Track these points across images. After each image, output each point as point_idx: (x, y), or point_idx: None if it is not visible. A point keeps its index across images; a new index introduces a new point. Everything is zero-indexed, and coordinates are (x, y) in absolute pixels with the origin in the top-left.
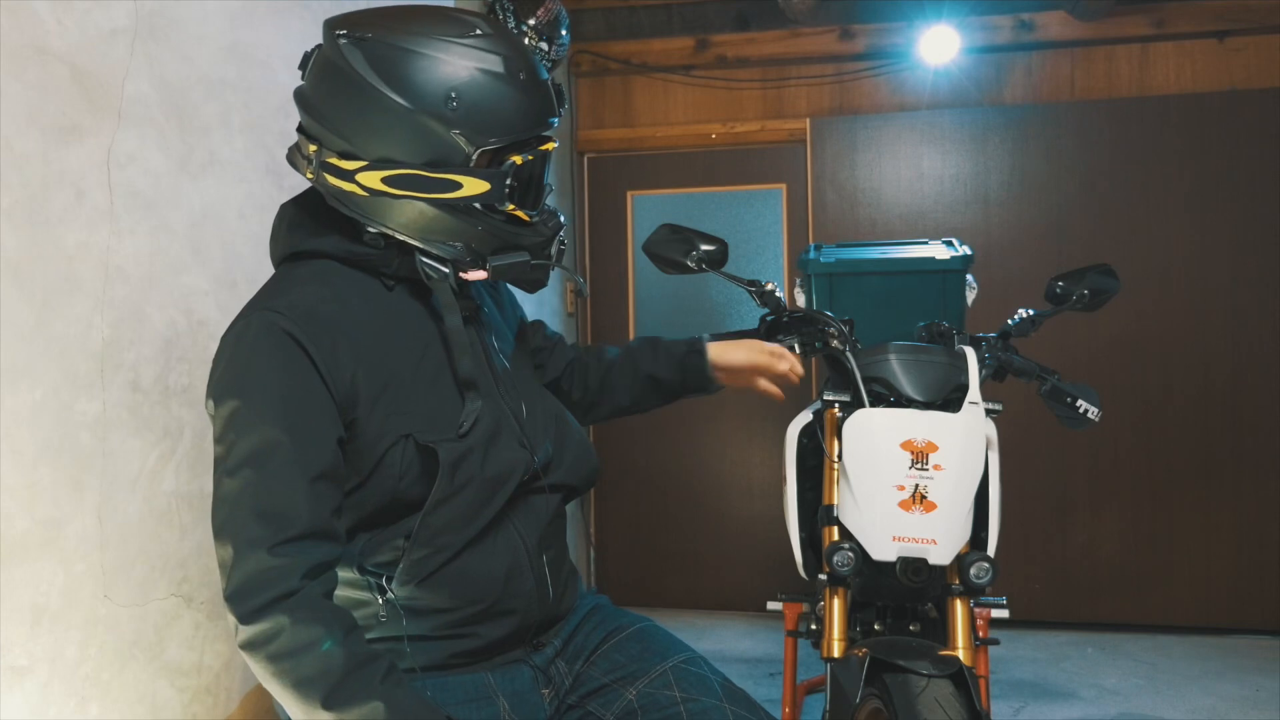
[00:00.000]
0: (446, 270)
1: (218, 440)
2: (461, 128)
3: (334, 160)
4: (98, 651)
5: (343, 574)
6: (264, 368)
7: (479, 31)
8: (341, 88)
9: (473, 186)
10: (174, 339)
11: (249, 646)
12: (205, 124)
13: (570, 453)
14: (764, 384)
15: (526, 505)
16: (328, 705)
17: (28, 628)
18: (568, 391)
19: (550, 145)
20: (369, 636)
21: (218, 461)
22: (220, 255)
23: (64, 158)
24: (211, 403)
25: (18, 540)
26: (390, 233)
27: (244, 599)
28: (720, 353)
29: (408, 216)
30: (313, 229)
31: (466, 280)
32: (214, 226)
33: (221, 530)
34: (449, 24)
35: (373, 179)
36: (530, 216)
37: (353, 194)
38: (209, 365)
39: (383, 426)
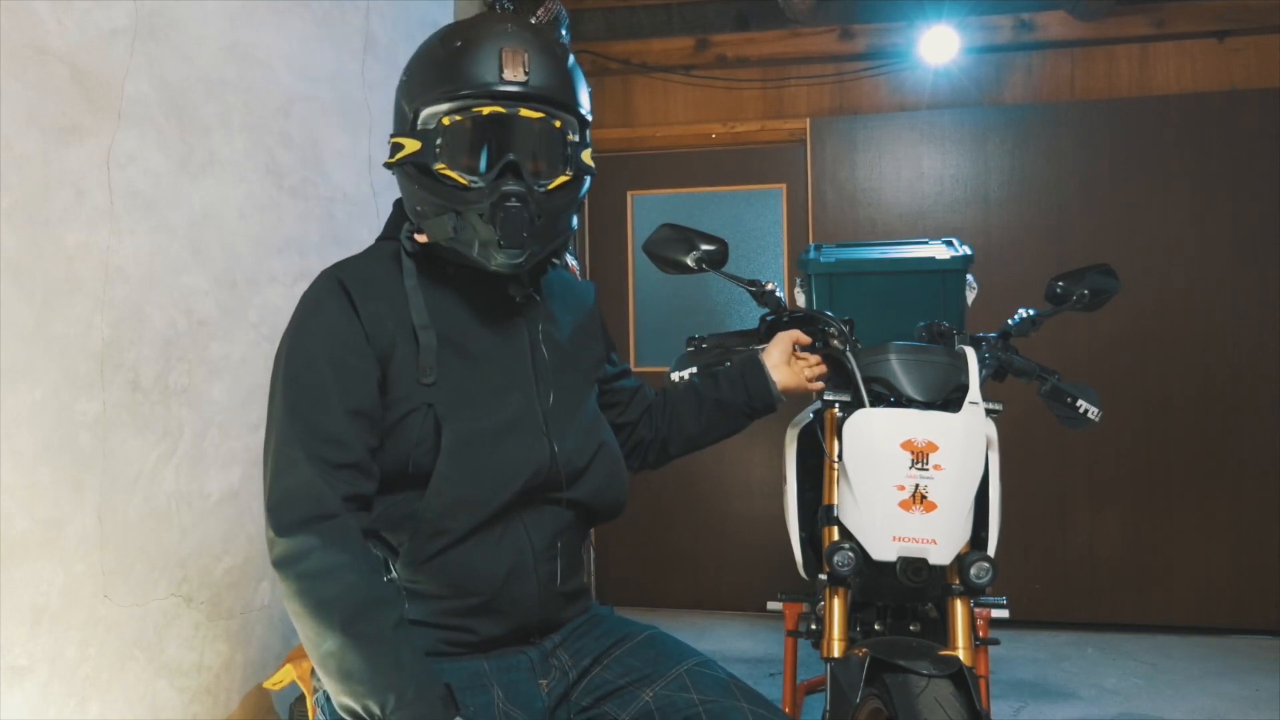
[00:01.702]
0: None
1: (273, 373)
2: (405, 94)
3: None
4: (98, 651)
5: None
6: (315, 311)
7: (470, 19)
8: None
9: (410, 146)
10: (174, 339)
11: (280, 564)
12: (205, 124)
13: (600, 474)
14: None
15: (541, 510)
16: (345, 629)
17: (28, 628)
18: (645, 433)
19: (484, 109)
20: None
21: (271, 392)
22: (220, 255)
23: (64, 158)
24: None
25: (18, 540)
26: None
27: (282, 511)
28: (771, 370)
29: (399, 185)
30: (397, 218)
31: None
32: (214, 226)
33: (269, 448)
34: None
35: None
36: (468, 180)
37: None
38: (209, 365)
39: (410, 390)
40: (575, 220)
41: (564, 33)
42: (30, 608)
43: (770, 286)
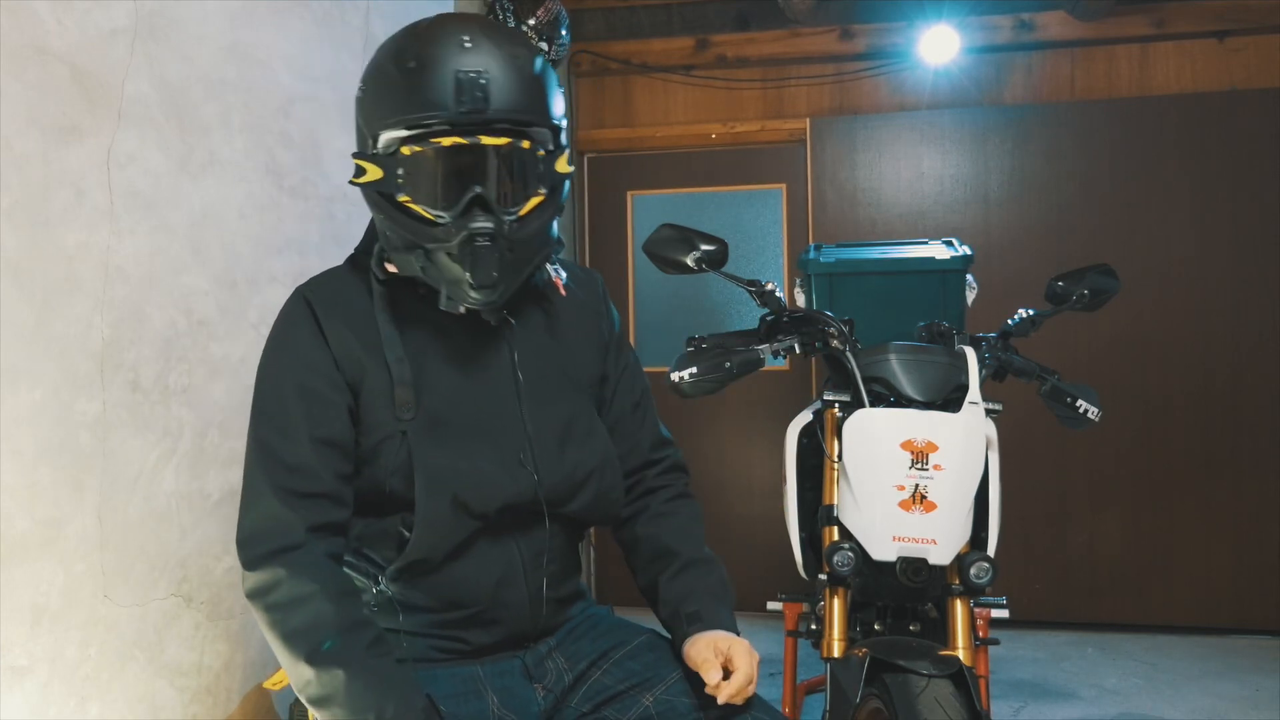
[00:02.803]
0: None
1: (252, 399)
2: (361, 113)
3: None
4: (98, 651)
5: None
6: (285, 337)
7: (421, 26)
8: None
9: (373, 172)
10: (174, 339)
11: (251, 596)
12: (205, 124)
13: (591, 491)
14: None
15: (529, 526)
16: (310, 661)
17: (28, 628)
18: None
19: (445, 141)
20: None
21: (250, 419)
22: (220, 255)
23: (64, 158)
24: None
25: (18, 540)
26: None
27: (250, 545)
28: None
29: (371, 211)
30: (372, 234)
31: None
32: (214, 226)
33: (244, 478)
34: (411, 26)
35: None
36: (434, 215)
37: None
38: (209, 365)
39: (384, 418)
40: (555, 227)
41: (564, 33)
42: (30, 608)
43: (770, 286)
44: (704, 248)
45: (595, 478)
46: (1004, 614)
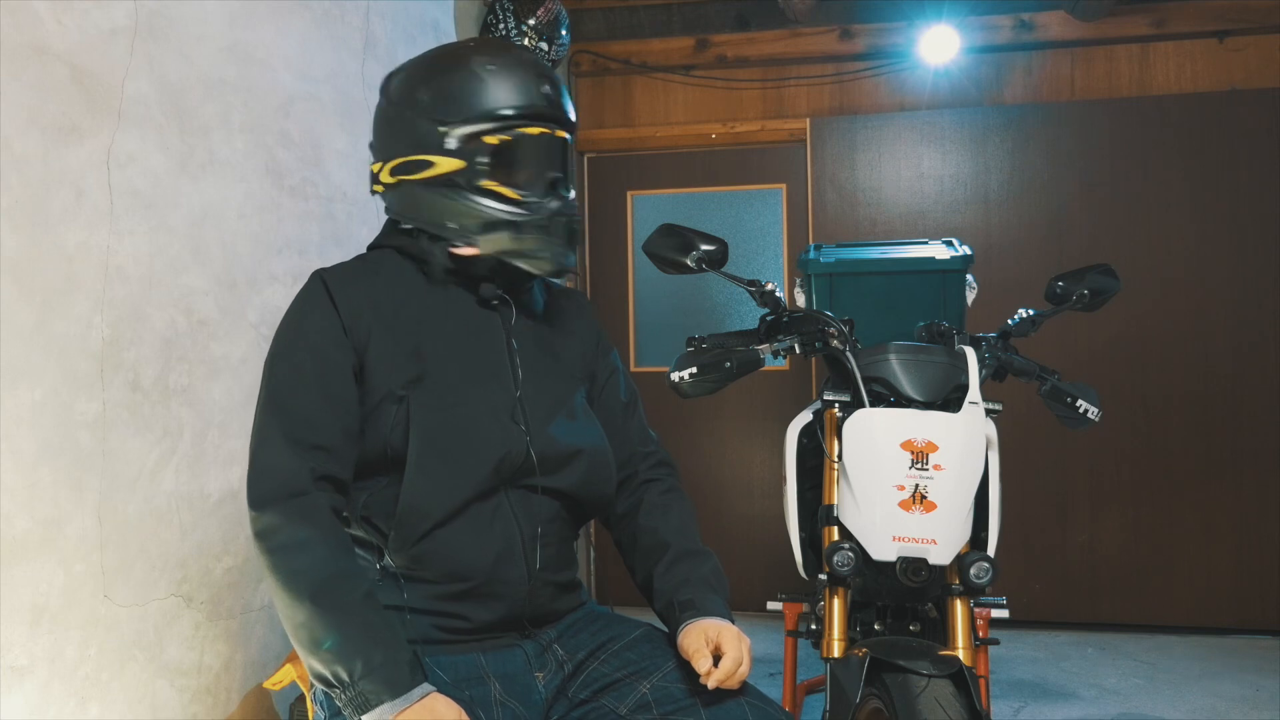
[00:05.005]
0: (436, 249)
1: (265, 363)
2: (427, 114)
3: (373, 169)
4: (98, 651)
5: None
6: (299, 308)
7: (471, 42)
8: (374, 117)
9: (445, 165)
10: (174, 339)
11: (257, 537)
12: (205, 124)
13: (581, 468)
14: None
15: (527, 498)
16: (314, 600)
17: (28, 628)
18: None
19: (533, 130)
20: None
21: (262, 380)
22: (220, 255)
23: (64, 158)
24: None
25: (18, 540)
26: (409, 221)
27: (257, 485)
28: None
29: (410, 201)
30: (388, 230)
31: (461, 258)
32: (214, 226)
33: (254, 429)
34: (446, 45)
35: (386, 173)
36: (519, 194)
37: (384, 193)
38: (209, 365)
39: (385, 379)
40: None
41: (564, 33)
42: (30, 608)
43: (770, 286)
44: (704, 248)
45: (586, 456)
46: (1004, 614)
